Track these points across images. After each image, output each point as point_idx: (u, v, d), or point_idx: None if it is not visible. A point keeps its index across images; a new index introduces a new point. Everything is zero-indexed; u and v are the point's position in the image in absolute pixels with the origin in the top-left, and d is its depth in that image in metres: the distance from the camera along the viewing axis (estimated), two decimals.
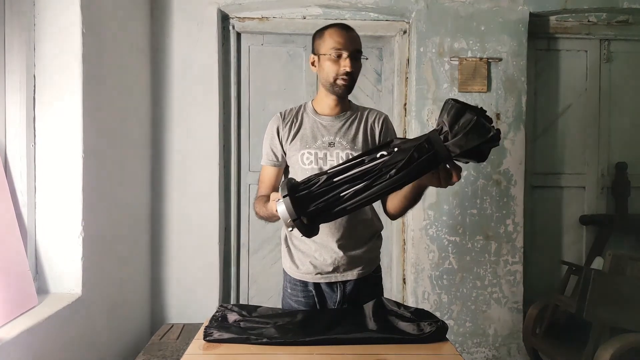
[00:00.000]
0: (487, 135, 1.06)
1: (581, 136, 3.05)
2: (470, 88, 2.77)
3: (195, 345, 1.30)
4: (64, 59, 1.88)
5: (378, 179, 1.13)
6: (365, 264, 1.61)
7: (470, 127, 1.06)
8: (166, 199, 2.76)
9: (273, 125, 1.65)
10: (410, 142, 1.16)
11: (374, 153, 1.19)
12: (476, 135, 1.06)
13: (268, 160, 1.66)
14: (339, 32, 1.54)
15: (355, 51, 1.53)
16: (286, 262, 1.67)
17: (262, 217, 1.56)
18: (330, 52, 1.52)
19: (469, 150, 1.07)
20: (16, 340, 1.48)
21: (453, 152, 1.09)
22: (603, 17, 2.97)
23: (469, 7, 2.77)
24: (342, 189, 1.16)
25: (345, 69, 1.51)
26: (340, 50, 1.51)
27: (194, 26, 2.73)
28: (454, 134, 1.08)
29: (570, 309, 2.32)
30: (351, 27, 1.58)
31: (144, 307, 2.66)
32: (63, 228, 1.89)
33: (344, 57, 1.51)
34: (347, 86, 1.55)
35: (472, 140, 1.06)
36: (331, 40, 1.53)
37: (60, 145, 1.89)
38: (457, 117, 1.09)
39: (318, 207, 1.16)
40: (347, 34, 1.54)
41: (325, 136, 1.58)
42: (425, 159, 1.11)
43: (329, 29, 1.56)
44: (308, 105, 1.66)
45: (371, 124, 1.63)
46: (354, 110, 1.65)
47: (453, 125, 1.09)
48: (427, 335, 1.31)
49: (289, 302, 1.67)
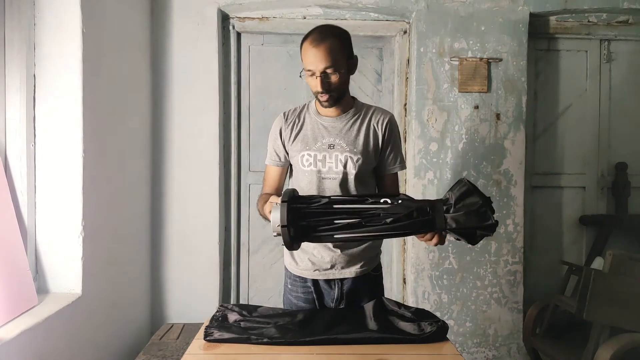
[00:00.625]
0: (484, 222, 1.15)
1: (581, 136, 3.05)
2: (470, 88, 2.77)
3: (196, 345, 1.30)
4: (64, 59, 1.88)
5: (373, 220, 1.19)
6: (364, 262, 1.62)
7: (472, 210, 1.16)
8: (166, 198, 2.76)
9: (276, 125, 1.64)
10: (416, 201, 1.23)
11: (378, 197, 1.25)
12: (475, 218, 1.16)
13: (271, 160, 1.66)
14: (308, 49, 1.45)
15: (325, 69, 1.44)
16: (287, 259, 1.69)
17: (261, 215, 1.56)
18: (306, 72, 1.48)
19: (464, 229, 1.16)
20: (16, 340, 1.48)
21: (449, 225, 1.17)
22: (603, 17, 2.97)
23: (469, 7, 2.77)
24: (337, 217, 1.20)
25: (317, 89, 1.48)
26: (312, 71, 1.46)
27: (194, 26, 2.73)
28: (456, 209, 1.17)
29: (570, 309, 2.32)
30: (327, 35, 1.46)
31: (144, 307, 2.66)
32: (63, 228, 1.89)
33: (315, 77, 1.46)
34: (329, 100, 1.50)
35: (470, 222, 1.15)
36: (305, 59, 1.47)
37: (60, 144, 1.89)
38: (464, 196, 1.18)
39: (309, 224, 1.20)
40: (317, 52, 1.43)
41: (326, 137, 1.57)
42: (423, 221, 1.19)
43: (304, 43, 1.48)
44: (311, 105, 1.64)
45: (374, 125, 1.59)
46: (358, 109, 1.61)
47: (458, 202, 1.18)
48: (428, 335, 1.31)
49: (289, 297, 1.69)
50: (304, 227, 1.19)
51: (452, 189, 1.21)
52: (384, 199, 1.23)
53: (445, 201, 1.20)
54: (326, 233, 1.20)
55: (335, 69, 1.45)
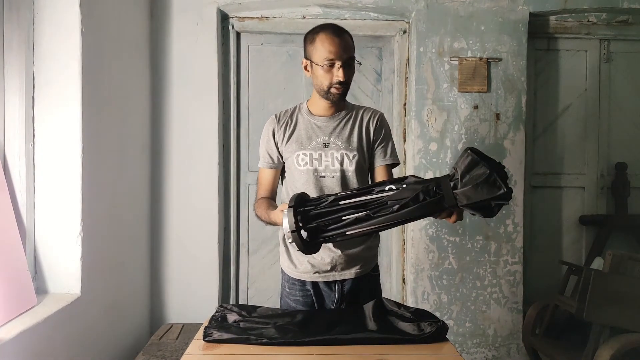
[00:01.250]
0: (496, 192, 1.04)
1: (581, 136, 3.05)
2: (470, 88, 2.77)
3: (195, 345, 1.29)
4: (63, 59, 1.88)
5: (381, 210, 1.14)
6: (363, 263, 1.62)
7: (480, 181, 1.05)
8: (165, 199, 2.75)
9: (268, 127, 1.64)
10: (421, 182, 1.16)
11: (383, 185, 1.20)
12: (485, 190, 1.05)
13: (265, 162, 1.65)
14: (331, 39, 1.47)
15: (348, 59, 1.49)
16: (284, 262, 1.67)
17: (262, 220, 1.57)
18: (324, 63, 1.47)
19: (477, 202, 1.07)
20: (15, 341, 1.48)
21: (460, 201, 1.09)
22: (603, 17, 2.97)
23: (469, 6, 2.77)
24: (345, 213, 1.17)
25: (339, 79, 1.48)
26: (333, 60, 1.47)
27: (194, 26, 2.72)
28: (463, 183, 1.08)
29: (570, 309, 2.32)
30: (343, 29, 1.51)
31: (143, 307, 2.65)
32: (62, 228, 1.89)
33: (337, 67, 1.47)
34: (341, 94, 1.52)
35: (480, 194, 1.05)
36: (323, 50, 1.47)
37: (59, 145, 1.88)
38: (470, 168, 1.08)
39: (319, 225, 1.17)
40: (340, 41, 1.47)
41: (320, 137, 1.58)
42: (431, 202, 1.11)
43: (321, 34, 1.49)
44: (303, 106, 1.65)
45: (366, 123, 1.61)
46: (349, 109, 1.63)
47: (464, 175, 1.08)
48: (427, 335, 1.31)
49: (287, 301, 1.67)
50: (314, 229, 1.17)
51: (457, 161, 1.12)
52: (389, 186, 1.18)
53: (452, 176, 1.12)
54: (336, 231, 1.17)
55: (353, 60, 1.51)
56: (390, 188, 1.18)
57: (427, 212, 1.15)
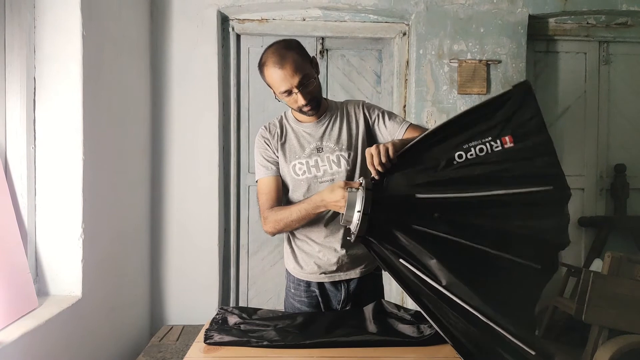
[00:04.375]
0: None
1: (580, 138, 3.05)
2: (469, 90, 2.77)
3: (196, 348, 1.30)
4: (64, 61, 1.88)
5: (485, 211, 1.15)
6: (367, 262, 1.63)
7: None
8: (166, 200, 2.76)
9: (261, 138, 1.64)
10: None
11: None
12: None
13: (266, 171, 1.61)
14: (276, 72, 1.42)
15: (302, 80, 1.43)
16: (289, 263, 1.67)
17: (286, 225, 1.50)
18: (282, 94, 1.47)
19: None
20: (16, 343, 1.48)
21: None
22: (602, 19, 2.97)
23: (468, 9, 2.78)
24: (427, 210, 1.15)
25: (301, 104, 1.47)
26: (287, 90, 1.45)
27: (194, 28, 2.73)
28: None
29: (569, 311, 2.33)
30: (286, 50, 1.43)
31: (143, 309, 2.66)
32: (63, 230, 1.89)
33: (295, 93, 1.45)
34: (313, 109, 1.51)
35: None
36: (274, 83, 1.45)
37: (60, 147, 1.89)
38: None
39: (389, 218, 1.14)
40: (285, 71, 1.41)
41: (312, 143, 1.58)
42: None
43: (267, 67, 1.45)
44: (289, 115, 1.65)
45: (354, 116, 1.61)
46: (332, 109, 1.63)
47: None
48: (427, 337, 1.31)
49: (292, 302, 1.67)
50: (382, 220, 1.13)
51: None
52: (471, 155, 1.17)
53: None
54: (424, 229, 1.12)
55: (308, 78, 1.45)
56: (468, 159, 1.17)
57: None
